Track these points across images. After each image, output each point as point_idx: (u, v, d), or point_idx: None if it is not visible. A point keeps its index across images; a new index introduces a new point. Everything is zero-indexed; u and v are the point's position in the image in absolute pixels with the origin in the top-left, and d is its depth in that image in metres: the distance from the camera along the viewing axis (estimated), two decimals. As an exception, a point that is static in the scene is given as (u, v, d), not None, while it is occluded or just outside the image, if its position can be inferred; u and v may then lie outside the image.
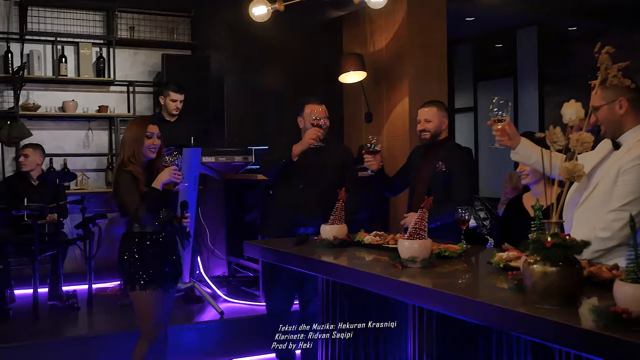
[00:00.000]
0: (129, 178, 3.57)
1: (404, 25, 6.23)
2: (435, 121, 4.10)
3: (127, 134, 3.69)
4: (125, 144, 3.65)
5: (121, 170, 3.60)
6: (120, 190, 3.59)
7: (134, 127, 3.69)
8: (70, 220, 6.17)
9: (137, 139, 3.62)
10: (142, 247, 3.61)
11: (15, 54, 6.51)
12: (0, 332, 4.79)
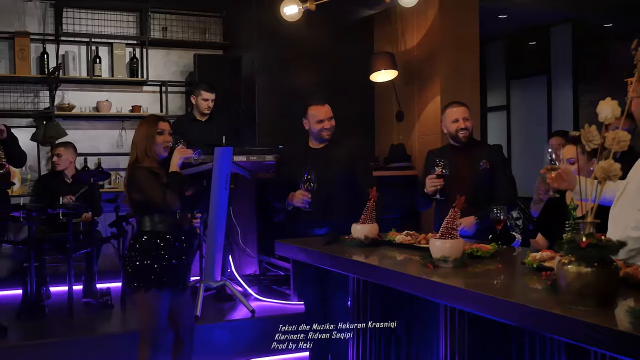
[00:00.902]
0: (147, 173, 3.54)
1: (436, 24, 6.19)
2: (472, 120, 4.12)
3: (137, 133, 3.64)
4: (137, 142, 3.61)
5: (136, 167, 3.55)
6: (142, 186, 3.53)
7: (144, 125, 3.65)
8: (104, 218, 6.25)
9: (148, 136, 3.58)
10: (150, 248, 3.54)
11: (51, 55, 6.63)
12: (36, 328, 4.88)
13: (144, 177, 3.53)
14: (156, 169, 3.58)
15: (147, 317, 3.57)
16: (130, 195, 3.61)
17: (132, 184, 3.57)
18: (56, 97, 6.53)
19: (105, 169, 6.65)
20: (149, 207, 3.58)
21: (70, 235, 5.17)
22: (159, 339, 3.61)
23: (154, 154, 3.59)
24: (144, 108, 6.99)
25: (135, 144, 3.61)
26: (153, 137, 3.58)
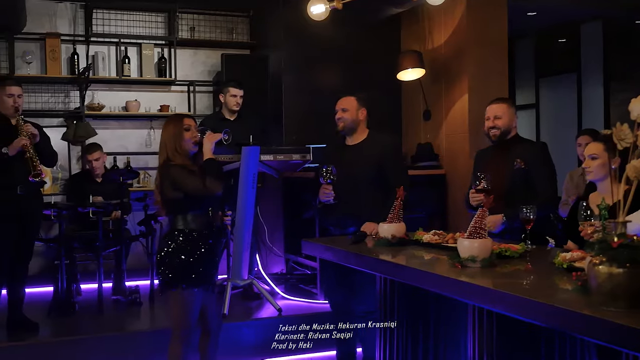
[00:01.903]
0: (182, 169, 3.55)
1: (464, 22, 6.15)
2: (506, 118, 3.94)
3: (164, 133, 3.66)
4: (165, 142, 3.62)
5: (170, 166, 3.56)
6: (179, 181, 3.53)
7: (170, 124, 3.67)
8: (133, 217, 6.32)
9: (175, 134, 3.60)
10: (184, 246, 3.56)
11: (81, 56, 6.71)
12: (67, 324, 4.95)
13: (179, 173, 3.54)
14: (190, 166, 3.60)
15: (181, 315, 3.59)
16: (163, 194, 3.61)
17: (166, 182, 3.57)
18: (86, 97, 6.61)
19: (134, 168, 6.71)
20: (182, 206, 3.59)
21: (100, 234, 5.23)
22: (191, 336, 3.64)
23: (184, 150, 3.61)
24: (172, 108, 7.04)
25: (165, 144, 3.63)
26: (181, 134, 3.61)
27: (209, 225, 3.67)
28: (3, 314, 4.74)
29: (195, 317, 3.62)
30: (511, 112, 3.99)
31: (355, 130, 4.21)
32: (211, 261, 3.69)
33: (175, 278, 3.54)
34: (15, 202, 4.59)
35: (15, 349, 4.41)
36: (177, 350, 3.61)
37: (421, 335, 3.39)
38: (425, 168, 6.38)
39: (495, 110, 3.97)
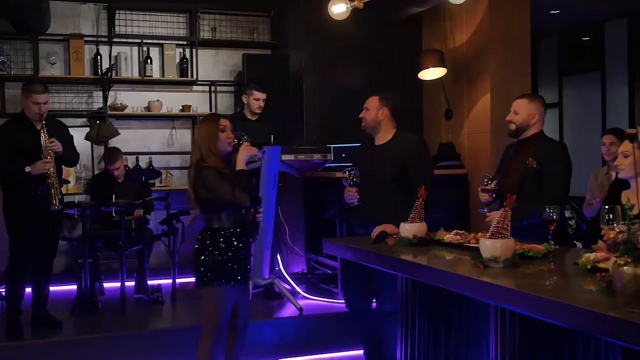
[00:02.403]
0: (214, 173, 3.60)
1: (486, 20, 6.10)
2: (523, 114, 3.89)
3: (199, 132, 3.74)
4: (200, 141, 3.68)
5: (203, 167, 3.62)
6: (211, 185, 3.60)
7: (206, 124, 3.74)
8: (155, 216, 6.37)
9: (210, 134, 3.66)
10: (219, 244, 3.63)
11: (104, 56, 6.77)
12: (90, 323, 5.00)
13: (212, 177, 3.60)
14: (222, 168, 3.64)
15: (215, 311, 3.65)
16: (197, 194, 3.67)
17: (199, 183, 3.64)
18: (109, 97, 6.67)
19: (156, 167, 6.76)
20: (216, 205, 3.66)
21: (123, 233, 5.27)
22: (222, 333, 3.71)
23: (218, 151, 3.65)
24: (194, 107, 7.08)
25: (199, 143, 3.68)
26: (216, 135, 3.65)
27: (242, 223, 3.73)
28: (28, 312, 4.80)
29: (227, 314, 3.69)
30: (531, 108, 3.91)
31: (379, 130, 4.17)
32: (245, 258, 3.75)
33: (210, 275, 3.62)
34: (37, 203, 4.63)
35: (40, 346, 4.47)
36: (207, 346, 3.66)
37: (443, 335, 3.38)
38: (447, 168, 6.35)
39: (515, 105, 3.95)
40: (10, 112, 6.18)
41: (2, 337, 4.57)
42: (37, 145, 4.59)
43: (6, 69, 6.44)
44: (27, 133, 4.64)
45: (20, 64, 6.56)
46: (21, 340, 4.55)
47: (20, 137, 4.63)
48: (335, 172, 5.76)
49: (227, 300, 3.67)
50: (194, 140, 3.76)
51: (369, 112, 4.16)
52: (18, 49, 6.56)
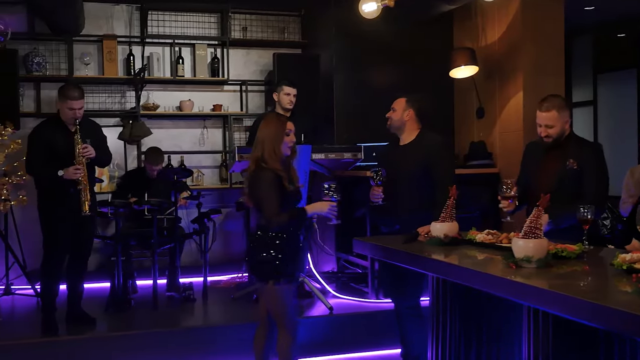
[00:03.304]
0: (273, 177, 3.60)
1: (518, 18, 6.03)
2: (558, 126, 3.81)
3: (266, 130, 3.69)
4: (265, 140, 3.66)
5: (262, 168, 3.62)
6: (264, 189, 3.60)
7: (273, 123, 3.71)
8: (187, 215, 6.43)
9: (277, 136, 3.66)
10: (281, 242, 3.62)
11: (136, 57, 6.85)
12: (123, 320, 5.06)
13: (268, 181, 3.59)
14: (280, 171, 3.63)
15: (287, 309, 3.67)
16: (252, 193, 3.68)
17: (255, 183, 3.65)
18: (141, 97, 6.75)
19: (188, 166, 6.82)
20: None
21: (155, 231, 5.32)
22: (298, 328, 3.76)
23: (280, 153, 3.66)
24: (225, 107, 7.12)
25: (263, 142, 3.66)
26: (282, 138, 3.67)
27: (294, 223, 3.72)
28: (63, 309, 4.87)
29: (294, 309, 3.74)
30: (563, 117, 3.83)
31: (403, 130, 4.23)
32: (303, 256, 3.80)
33: (276, 274, 3.61)
34: (70, 202, 4.69)
35: (74, 342, 4.54)
36: (289, 342, 3.69)
37: (474, 335, 3.35)
38: (479, 167, 6.29)
39: (546, 119, 3.83)
40: (46, 113, 6.30)
41: (38, 333, 4.65)
42: (70, 148, 4.65)
43: (42, 70, 6.56)
44: (62, 135, 4.71)
45: (55, 64, 6.67)
46: (56, 336, 4.62)
47: (54, 139, 4.70)
48: (366, 171, 5.74)
49: (293, 298, 3.72)
50: (258, 137, 3.71)
51: (395, 113, 4.22)
52: (53, 50, 6.67)
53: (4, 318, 5.12)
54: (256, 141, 3.72)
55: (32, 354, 4.41)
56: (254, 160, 3.68)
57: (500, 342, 3.22)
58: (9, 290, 5.82)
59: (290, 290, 3.69)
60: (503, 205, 3.66)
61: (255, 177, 3.65)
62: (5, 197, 5.12)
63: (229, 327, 4.81)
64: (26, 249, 6.06)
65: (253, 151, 3.72)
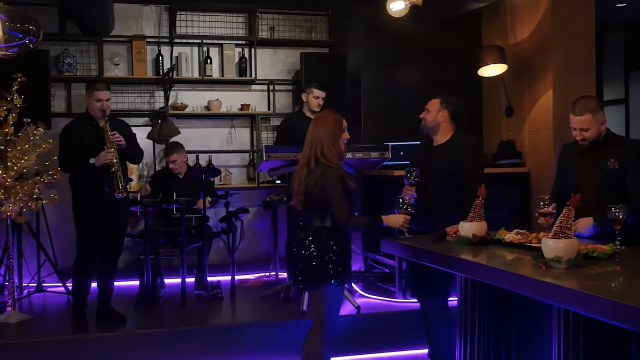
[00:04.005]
0: (340, 178, 3.54)
1: (548, 15, 5.96)
2: (594, 129, 3.73)
3: (324, 128, 3.63)
4: (322, 138, 3.60)
5: (328, 166, 3.55)
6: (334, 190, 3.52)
7: (330, 121, 3.66)
8: (215, 214, 6.46)
9: (335, 133, 3.62)
10: (334, 244, 3.58)
11: (165, 57, 6.91)
12: (152, 317, 5.11)
13: (337, 182, 3.53)
14: (341, 169, 3.59)
15: (332, 312, 3.64)
16: (309, 191, 3.59)
17: (323, 182, 3.54)
18: (170, 97, 6.80)
19: (216, 165, 6.86)
20: (324, 205, 3.58)
21: (183, 230, 5.36)
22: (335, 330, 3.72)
23: (340, 150, 3.64)
24: (252, 106, 7.15)
25: (321, 139, 3.60)
26: (340, 135, 3.65)
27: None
28: (93, 307, 4.94)
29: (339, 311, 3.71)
30: (598, 118, 3.74)
31: (437, 131, 4.21)
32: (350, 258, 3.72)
33: (330, 275, 3.56)
34: (104, 201, 4.77)
35: (104, 339, 4.59)
36: (323, 344, 3.66)
37: (503, 336, 3.32)
38: (507, 166, 6.23)
39: (581, 123, 3.74)
40: (76, 112, 6.39)
41: (69, 330, 4.72)
42: (101, 143, 4.74)
43: (72, 70, 6.65)
44: (92, 131, 4.79)
45: (86, 65, 6.76)
46: (86, 333, 4.68)
47: (85, 134, 4.78)
48: (394, 171, 5.73)
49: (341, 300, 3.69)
50: (314, 134, 3.63)
51: (429, 114, 4.20)
52: (83, 50, 6.76)
53: (36, 315, 5.20)
54: (312, 138, 3.63)
55: (62, 350, 4.47)
56: (312, 157, 3.58)
57: (529, 343, 3.19)
58: (40, 287, 5.92)
59: (339, 294, 3.65)
60: (541, 222, 3.59)
61: (322, 176, 3.54)
62: (37, 196, 5.20)
63: (256, 325, 4.83)
64: (57, 247, 6.16)
65: (307, 149, 3.63)
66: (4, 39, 3.86)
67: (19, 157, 5.01)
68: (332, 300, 3.62)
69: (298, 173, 3.67)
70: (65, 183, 4.96)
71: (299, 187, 3.62)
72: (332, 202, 3.53)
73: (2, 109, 4.96)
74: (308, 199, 3.61)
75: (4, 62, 4.79)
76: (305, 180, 3.60)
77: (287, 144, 5.40)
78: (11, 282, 5.05)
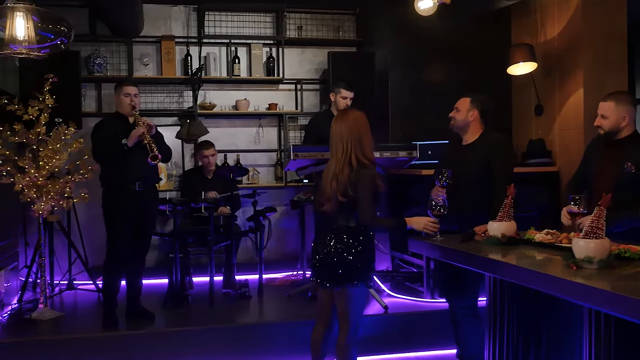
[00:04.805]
0: (373, 179, 3.53)
1: (579, 12, 5.88)
2: (613, 118, 3.74)
3: (356, 128, 3.61)
4: (354, 138, 3.58)
5: (364, 167, 3.55)
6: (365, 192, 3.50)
7: (361, 116, 3.66)
8: (243, 213, 6.49)
9: (368, 131, 3.62)
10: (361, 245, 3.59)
11: (193, 57, 6.96)
12: (180, 315, 5.15)
13: (370, 185, 3.51)
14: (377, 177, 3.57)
15: (358, 312, 3.65)
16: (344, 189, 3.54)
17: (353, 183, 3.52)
18: (198, 97, 6.85)
19: (244, 165, 6.89)
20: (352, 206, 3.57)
21: (212, 229, 5.40)
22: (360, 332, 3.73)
23: (370, 147, 3.64)
24: (280, 106, 7.17)
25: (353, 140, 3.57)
26: (369, 134, 3.65)
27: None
28: (123, 305, 4.99)
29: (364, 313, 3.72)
30: (620, 111, 3.72)
31: (467, 130, 4.19)
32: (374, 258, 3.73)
33: (351, 275, 3.55)
34: (134, 199, 4.83)
35: (134, 337, 4.64)
36: (350, 344, 3.66)
37: (532, 337, 3.28)
38: (537, 165, 6.16)
39: (602, 108, 3.76)
40: (106, 112, 6.47)
41: (99, 327, 4.78)
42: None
43: (102, 71, 6.73)
44: (123, 128, 4.86)
45: (116, 65, 6.84)
46: (116, 330, 4.74)
47: (116, 130, 4.85)
48: (421, 170, 5.70)
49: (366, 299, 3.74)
50: (350, 133, 3.59)
51: (459, 113, 4.17)
52: (113, 51, 6.84)
53: (67, 312, 5.28)
54: (344, 138, 3.59)
55: (93, 347, 4.52)
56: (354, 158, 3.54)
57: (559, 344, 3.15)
58: (71, 285, 6.00)
59: (365, 294, 3.68)
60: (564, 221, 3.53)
61: (358, 175, 3.52)
62: (69, 195, 5.27)
63: (284, 324, 4.84)
64: (88, 245, 6.24)
65: (341, 148, 3.58)
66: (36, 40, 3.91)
67: (50, 156, 5.09)
68: (357, 299, 3.62)
69: (336, 174, 3.57)
70: (95, 182, 5.02)
71: (338, 188, 3.55)
72: (361, 202, 3.51)
73: (34, 109, 5.04)
74: (342, 200, 3.55)
75: (36, 63, 4.88)
76: (348, 181, 3.53)
77: (315, 143, 5.40)
78: (43, 279, 5.13)
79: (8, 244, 5.35)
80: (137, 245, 4.95)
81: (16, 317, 5.00)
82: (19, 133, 4.98)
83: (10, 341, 4.50)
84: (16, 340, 4.52)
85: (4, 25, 3.83)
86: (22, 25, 3.85)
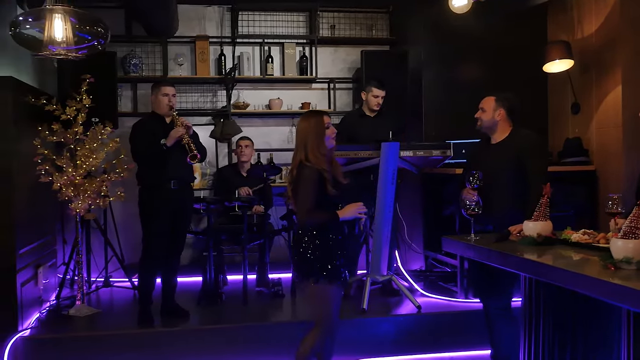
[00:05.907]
0: (316, 177, 3.58)
1: (617, 8, 5.77)
2: None
3: (305, 129, 3.68)
4: (306, 139, 3.65)
5: (305, 166, 3.60)
6: (302, 186, 3.59)
7: (311, 120, 3.70)
8: (276, 211, 6.52)
9: (318, 133, 3.65)
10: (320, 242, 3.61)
11: (227, 57, 7.00)
12: (214, 313, 5.20)
13: (309, 177, 3.58)
14: (325, 172, 3.61)
15: (324, 309, 3.65)
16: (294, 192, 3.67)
17: (297, 179, 3.64)
18: (232, 96, 6.90)
19: (277, 164, 6.91)
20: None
21: (245, 227, 5.43)
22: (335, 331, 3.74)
23: (325, 149, 3.66)
24: (313, 105, 7.18)
25: (304, 141, 3.66)
26: (323, 134, 3.67)
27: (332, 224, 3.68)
28: (158, 302, 5.05)
29: (336, 311, 3.70)
30: None
31: (495, 130, 4.16)
32: (342, 256, 3.70)
33: (311, 273, 3.61)
34: (170, 197, 4.88)
35: (169, 334, 4.69)
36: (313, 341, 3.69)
37: (569, 338, 3.24)
38: (574, 164, 6.07)
39: None
40: (142, 112, 6.54)
41: (135, 324, 4.85)
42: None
43: (138, 71, 6.82)
44: (161, 128, 4.92)
45: (151, 65, 6.92)
46: (152, 327, 4.80)
47: (155, 130, 4.91)
48: (455, 169, 5.66)
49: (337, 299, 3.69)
50: (299, 138, 3.70)
51: (485, 113, 4.13)
52: (149, 51, 6.92)
53: (104, 309, 5.36)
54: (298, 142, 3.69)
55: (128, 344, 4.59)
56: (299, 161, 3.64)
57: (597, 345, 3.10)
58: (108, 282, 6.10)
59: (332, 291, 3.63)
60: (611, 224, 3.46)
61: (300, 176, 3.61)
62: (105, 193, 5.35)
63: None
64: (124, 243, 6.33)
65: (296, 153, 3.69)
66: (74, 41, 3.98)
67: (87, 155, 5.17)
68: (317, 297, 3.64)
69: (289, 175, 3.73)
70: (131, 181, 5.10)
71: (289, 187, 3.71)
72: (295, 199, 3.62)
73: (71, 109, 5.13)
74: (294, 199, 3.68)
75: (74, 64, 4.97)
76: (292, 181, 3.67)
77: (347, 142, 5.40)
78: (80, 276, 5.22)
79: (46, 242, 5.45)
80: (172, 244, 5.00)
81: (54, 314, 5.10)
82: (57, 133, 5.07)
83: (48, 337, 4.60)
84: (54, 336, 4.62)
85: (42, 26, 3.91)
86: (61, 27, 3.92)
